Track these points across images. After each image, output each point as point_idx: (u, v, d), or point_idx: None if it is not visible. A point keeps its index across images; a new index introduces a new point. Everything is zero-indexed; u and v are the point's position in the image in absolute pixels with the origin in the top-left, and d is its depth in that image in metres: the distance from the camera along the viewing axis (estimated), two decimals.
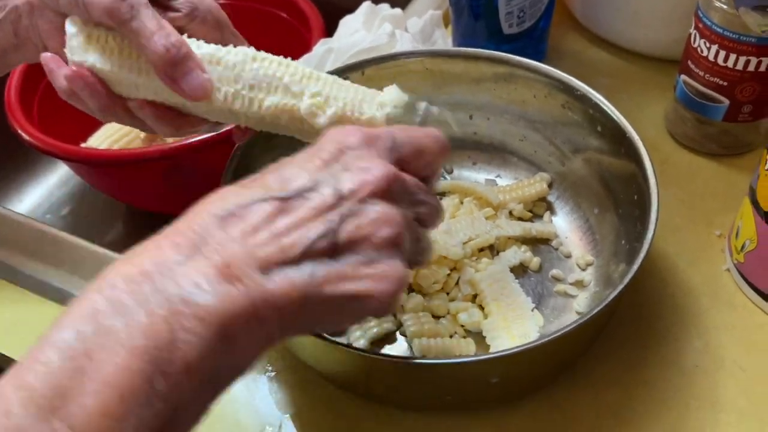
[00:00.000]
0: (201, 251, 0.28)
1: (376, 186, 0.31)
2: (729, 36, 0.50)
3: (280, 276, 0.28)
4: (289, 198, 0.30)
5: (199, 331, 0.26)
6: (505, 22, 0.60)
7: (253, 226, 0.29)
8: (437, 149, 0.35)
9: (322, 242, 0.29)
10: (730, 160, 0.57)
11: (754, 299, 0.48)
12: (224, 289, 0.27)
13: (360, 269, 0.30)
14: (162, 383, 0.25)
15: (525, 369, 0.41)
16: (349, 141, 0.32)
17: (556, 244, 0.52)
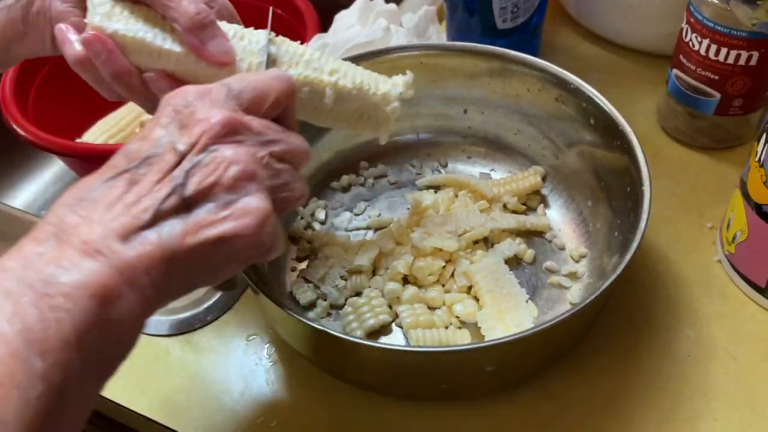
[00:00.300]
0: (59, 238, 0.29)
1: (213, 133, 0.32)
2: (720, 30, 0.50)
3: (138, 241, 0.29)
4: (134, 168, 0.31)
5: (69, 306, 0.27)
6: (499, 17, 0.60)
7: (106, 205, 0.30)
8: (281, 87, 0.35)
9: (171, 199, 0.30)
10: (721, 153, 0.58)
11: (745, 290, 0.49)
12: (87, 264, 0.28)
13: (217, 213, 0.31)
14: (40, 363, 0.25)
15: (519, 358, 0.41)
16: (183, 100, 0.33)
17: (550, 236, 0.52)
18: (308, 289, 0.50)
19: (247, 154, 0.32)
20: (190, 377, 0.47)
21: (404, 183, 0.57)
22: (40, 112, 0.68)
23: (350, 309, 0.47)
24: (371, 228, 0.54)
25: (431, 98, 0.56)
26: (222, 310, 0.51)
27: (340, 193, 0.57)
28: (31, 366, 0.25)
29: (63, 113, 0.69)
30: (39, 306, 0.26)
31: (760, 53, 0.51)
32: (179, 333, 0.50)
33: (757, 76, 0.52)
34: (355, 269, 0.50)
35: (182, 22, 0.38)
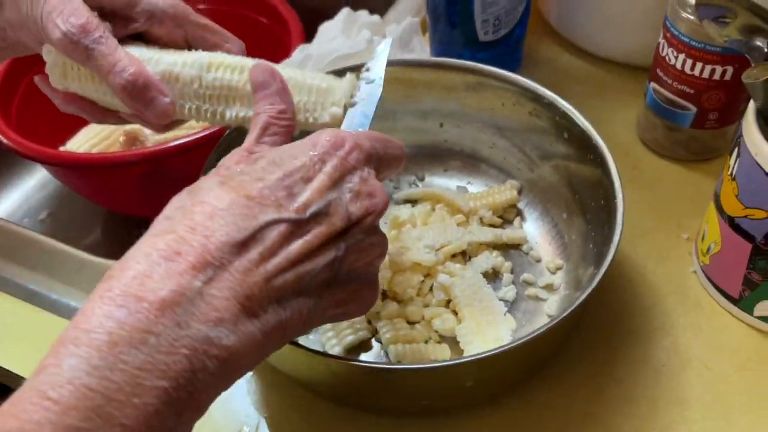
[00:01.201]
0: (221, 278, 0.27)
1: (379, 215, 0.32)
2: (695, 45, 0.52)
3: (291, 306, 0.29)
4: (304, 221, 0.30)
5: (218, 371, 0.26)
6: (481, 29, 0.61)
7: (268, 251, 0.29)
8: (401, 162, 0.37)
9: (327, 271, 0.30)
10: (698, 165, 0.59)
11: (720, 300, 0.50)
12: (245, 329, 0.27)
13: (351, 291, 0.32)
14: (173, 422, 0.25)
15: (498, 371, 0.42)
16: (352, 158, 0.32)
17: (526, 248, 0.53)
18: None
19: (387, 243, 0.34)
20: None
21: None
22: (24, 121, 0.68)
23: (329, 325, 0.47)
24: None
25: (407, 112, 0.57)
26: None
27: None
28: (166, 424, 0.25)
29: (46, 121, 0.69)
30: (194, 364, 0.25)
31: (734, 68, 0.52)
32: None
33: (732, 91, 0.53)
34: None
35: (117, 95, 0.39)
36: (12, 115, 0.67)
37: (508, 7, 0.60)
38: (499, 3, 0.59)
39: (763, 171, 0.42)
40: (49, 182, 0.79)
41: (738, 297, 0.48)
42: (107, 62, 0.38)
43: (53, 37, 0.38)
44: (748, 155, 0.43)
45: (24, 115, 0.68)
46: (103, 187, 0.66)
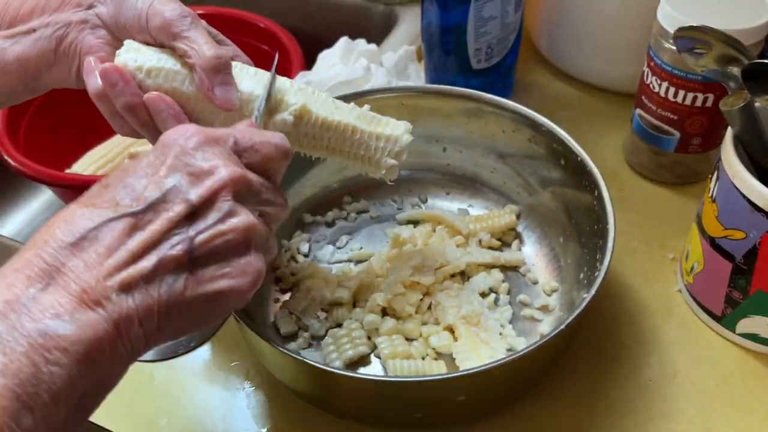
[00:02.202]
0: (56, 281, 0.28)
1: (224, 189, 0.32)
2: (677, 74, 0.54)
3: (140, 293, 0.29)
4: (140, 213, 0.30)
5: (64, 361, 0.26)
6: (473, 58, 0.63)
7: (107, 248, 0.29)
8: (281, 153, 0.36)
9: (178, 255, 0.30)
10: (682, 188, 0.61)
11: (703, 318, 0.52)
12: (85, 317, 0.27)
13: (217, 270, 0.31)
14: (29, 418, 0.25)
15: (490, 387, 0.44)
16: (191, 142, 0.33)
17: (523, 270, 0.55)
18: (290, 321, 0.52)
19: (250, 216, 0.32)
20: (173, 401, 0.49)
21: (385, 217, 0.60)
22: (31, 143, 0.70)
23: (330, 340, 0.49)
24: (353, 261, 0.56)
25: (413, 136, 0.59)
26: (206, 337, 0.52)
27: (323, 227, 0.59)
28: (19, 421, 0.25)
29: (53, 144, 0.72)
30: (34, 359, 0.26)
31: (715, 95, 0.54)
32: (163, 359, 0.51)
33: (714, 117, 0.56)
34: (336, 301, 0.52)
35: (199, 63, 0.41)
36: (20, 138, 0.69)
37: (500, 36, 0.63)
38: (492, 32, 0.62)
39: (741, 193, 0.44)
40: (54, 203, 0.80)
41: (721, 315, 0.50)
42: (205, 37, 0.41)
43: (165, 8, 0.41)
44: (727, 178, 0.45)
45: (31, 138, 0.70)
46: None
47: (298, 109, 0.43)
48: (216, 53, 0.41)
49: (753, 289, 0.47)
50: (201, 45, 0.41)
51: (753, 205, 0.43)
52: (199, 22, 0.42)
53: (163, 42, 0.42)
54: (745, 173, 0.44)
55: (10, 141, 0.66)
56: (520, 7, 0.63)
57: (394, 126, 0.45)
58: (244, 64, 0.44)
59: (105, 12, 0.43)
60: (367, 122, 0.45)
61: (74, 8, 0.44)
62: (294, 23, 0.82)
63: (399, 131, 0.45)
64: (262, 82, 0.43)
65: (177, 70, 0.42)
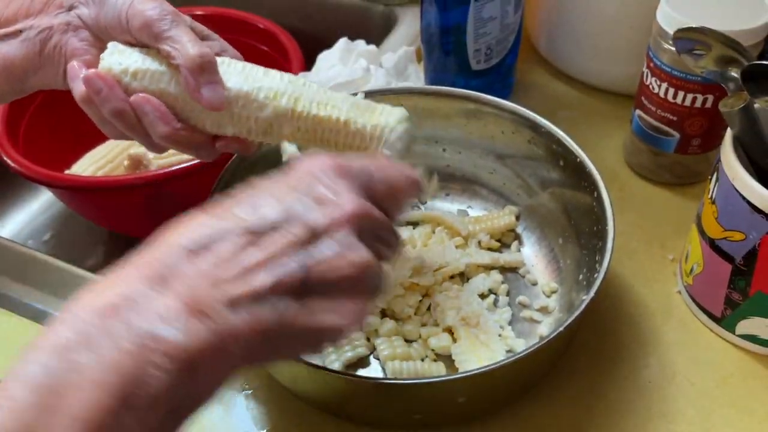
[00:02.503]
0: (169, 284, 0.28)
1: (347, 222, 0.31)
2: (677, 75, 0.54)
3: (247, 312, 0.28)
4: (259, 231, 0.30)
5: (168, 367, 0.26)
6: (473, 58, 0.63)
7: (222, 259, 0.29)
8: (410, 189, 0.35)
9: (291, 279, 0.29)
10: (682, 188, 0.61)
11: (702, 319, 0.52)
12: (192, 326, 0.27)
13: (326, 304, 0.30)
14: (129, 418, 0.25)
15: (490, 389, 0.44)
16: (322, 170, 0.32)
17: (523, 271, 0.55)
18: None
19: (367, 254, 0.31)
20: None
21: None
22: (31, 144, 0.70)
23: None
24: None
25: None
26: None
27: None
28: (121, 421, 0.25)
29: (53, 145, 0.71)
30: (139, 360, 0.26)
31: (715, 96, 0.54)
32: None
33: (713, 118, 0.56)
34: None
35: (183, 63, 0.40)
36: (19, 139, 0.69)
37: (500, 37, 0.63)
38: (491, 33, 0.62)
39: (740, 195, 0.44)
40: (53, 204, 0.80)
41: (720, 316, 0.50)
42: (188, 36, 0.40)
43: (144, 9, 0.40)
44: (726, 180, 0.45)
45: (30, 139, 0.70)
46: (106, 209, 0.68)
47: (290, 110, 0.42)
48: (200, 52, 0.40)
49: (752, 290, 0.47)
50: (184, 44, 0.40)
51: (752, 207, 0.43)
52: (181, 19, 0.41)
53: (146, 42, 0.42)
54: (745, 175, 0.44)
55: (9, 142, 0.66)
56: (519, 7, 0.63)
57: (389, 113, 0.44)
58: (231, 60, 0.43)
59: (86, 13, 0.43)
60: (360, 112, 0.43)
61: (57, 10, 0.43)
62: (293, 24, 0.82)
63: (393, 119, 0.44)
64: (251, 77, 0.42)
65: (162, 70, 0.42)
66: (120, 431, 0.25)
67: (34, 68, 0.44)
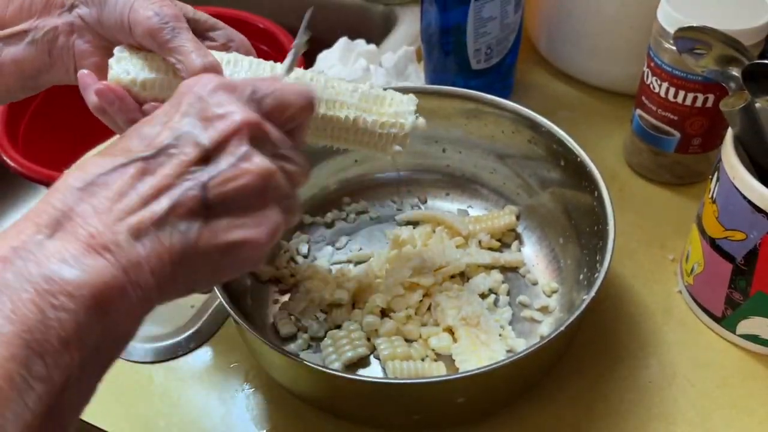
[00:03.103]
0: (64, 227, 0.27)
1: (237, 133, 0.31)
2: (677, 74, 0.54)
3: (150, 239, 0.28)
4: (151, 157, 0.29)
5: (71, 306, 0.26)
6: (473, 58, 0.63)
7: (117, 193, 0.28)
8: (303, 104, 0.35)
9: (190, 200, 0.29)
10: (682, 188, 0.61)
11: (703, 319, 0.52)
12: (92, 262, 0.27)
13: (232, 220, 0.30)
14: (40, 365, 0.25)
15: (489, 389, 0.43)
16: (206, 89, 0.32)
17: (523, 271, 0.55)
18: (289, 322, 0.51)
19: (266, 161, 0.31)
20: (172, 403, 0.49)
21: (385, 218, 0.59)
22: (30, 144, 0.70)
23: (330, 341, 0.49)
24: (352, 262, 0.56)
25: (412, 137, 0.58)
26: (204, 338, 0.52)
27: (323, 228, 0.59)
28: (30, 368, 0.25)
29: (52, 145, 0.72)
30: (40, 305, 0.25)
31: (715, 96, 0.54)
32: (162, 360, 0.51)
33: (714, 117, 0.56)
34: (335, 302, 0.52)
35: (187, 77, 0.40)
36: (19, 139, 0.69)
37: (500, 36, 0.63)
38: (491, 33, 0.62)
39: (741, 194, 0.44)
40: None
41: (721, 316, 0.50)
42: (191, 45, 0.40)
43: (144, 17, 0.40)
44: (727, 179, 0.45)
45: (30, 139, 0.71)
46: None
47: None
48: (202, 64, 0.39)
49: (753, 290, 0.47)
50: (187, 56, 0.40)
51: (753, 206, 0.43)
52: (183, 25, 0.41)
53: (151, 49, 0.42)
54: (746, 174, 0.44)
55: (9, 142, 0.66)
56: (519, 7, 0.63)
57: (398, 103, 0.44)
58: (238, 57, 0.43)
59: (87, 14, 0.43)
60: (369, 106, 0.43)
61: (59, 10, 0.43)
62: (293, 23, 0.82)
63: (403, 109, 0.44)
64: (258, 73, 0.42)
65: (170, 78, 0.42)
66: (31, 378, 0.25)
67: (45, 68, 0.44)
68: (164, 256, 0.28)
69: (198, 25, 0.44)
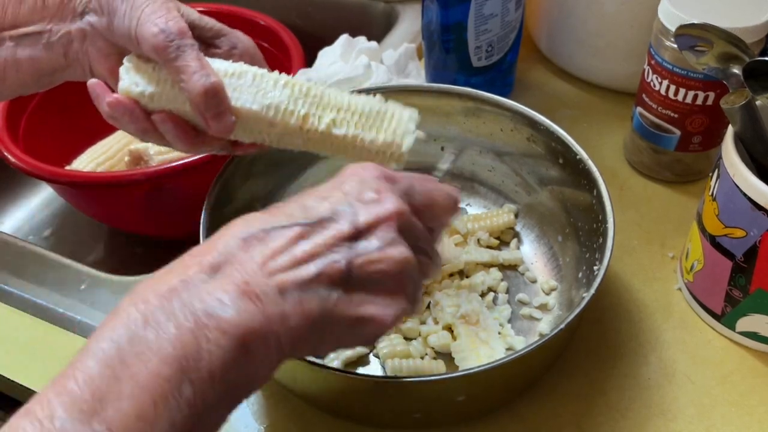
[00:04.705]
0: (224, 271, 0.30)
1: (388, 220, 0.33)
2: (678, 72, 0.54)
3: (294, 298, 0.31)
4: (309, 225, 0.32)
5: (222, 342, 0.28)
6: (474, 55, 0.63)
7: (273, 250, 0.31)
8: (448, 206, 0.38)
9: (335, 270, 0.32)
10: (682, 186, 0.61)
11: (703, 316, 0.52)
12: (244, 306, 0.29)
13: (367, 296, 0.33)
14: (189, 390, 0.28)
15: (489, 387, 0.44)
16: (368, 175, 0.35)
17: (522, 269, 0.55)
18: None
19: (408, 251, 0.34)
20: None
21: None
22: (31, 140, 0.69)
23: None
24: None
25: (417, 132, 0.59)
26: None
27: None
28: (182, 391, 0.27)
29: (53, 141, 0.71)
30: (197, 335, 0.28)
31: (716, 93, 0.54)
32: None
33: (714, 115, 0.56)
34: None
35: (190, 97, 0.42)
36: (19, 135, 0.69)
37: (501, 34, 0.63)
38: (492, 30, 0.62)
39: (741, 192, 0.44)
40: (53, 200, 0.80)
41: (721, 313, 0.50)
42: (195, 64, 0.41)
43: (150, 34, 0.41)
44: (727, 177, 0.45)
45: (31, 135, 0.70)
46: (107, 205, 0.68)
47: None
48: (203, 88, 0.41)
49: (753, 287, 0.47)
50: (190, 77, 0.41)
51: (753, 204, 0.43)
52: (187, 43, 0.41)
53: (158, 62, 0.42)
54: (746, 172, 0.44)
55: (9, 137, 0.66)
56: (520, 4, 0.63)
57: (398, 120, 0.45)
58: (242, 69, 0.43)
59: (98, 22, 0.44)
60: (369, 124, 0.44)
61: (71, 15, 0.44)
62: (294, 21, 0.82)
63: (402, 129, 0.44)
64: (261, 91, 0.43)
65: (176, 92, 0.43)
66: (181, 400, 0.27)
67: (61, 68, 0.46)
68: (303, 314, 0.31)
69: (203, 32, 0.45)
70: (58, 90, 0.52)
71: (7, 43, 0.45)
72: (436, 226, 0.38)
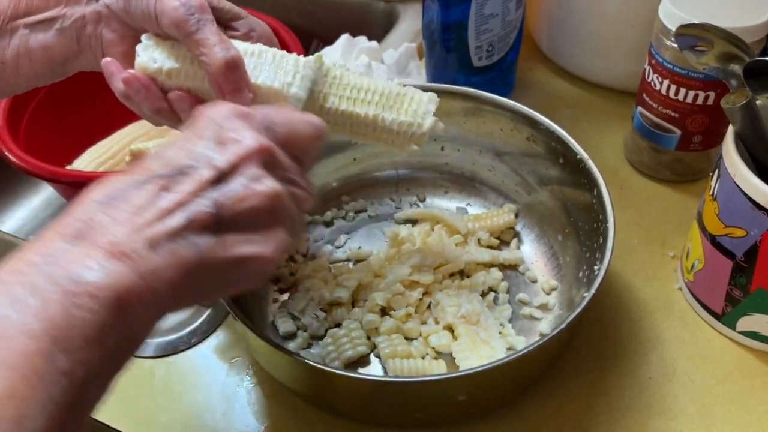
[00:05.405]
0: (86, 236, 0.29)
1: (250, 157, 0.33)
2: (679, 72, 0.54)
3: (166, 250, 0.30)
4: (169, 176, 0.32)
5: (93, 306, 0.28)
6: (474, 55, 0.63)
7: (137, 207, 0.31)
8: (312, 133, 0.37)
9: (204, 216, 0.31)
10: (683, 186, 0.61)
11: (703, 316, 0.52)
12: (113, 266, 0.29)
13: (242, 236, 0.32)
14: (63, 360, 0.26)
15: (490, 387, 0.44)
16: (224, 116, 0.34)
17: (522, 269, 0.55)
18: (289, 321, 0.52)
19: (276, 184, 0.33)
20: (173, 398, 0.49)
21: (384, 217, 0.59)
22: (32, 139, 0.69)
23: (330, 340, 0.49)
24: (351, 260, 0.56)
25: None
26: (206, 333, 0.52)
27: (321, 227, 0.59)
28: (55, 363, 0.26)
29: (54, 141, 0.71)
30: (65, 305, 0.27)
31: (716, 93, 0.54)
32: (164, 355, 0.51)
33: (715, 115, 0.56)
34: (335, 301, 0.52)
35: (210, 70, 0.41)
36: (20, 134, 0.69)
37: (501, 34, 0.63)
38: (493, 30, 0.62)
39: (742, 191, 0.44)
40: (55, 200, 0.81)
41: (721, 312, 0.50)
42: (215, 38, 0.41)
43: (170, 7, 0.41)
44: (728, 176, 0.45)
45: (32, 135, 0.70)
46: None
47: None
48: (224, 60, 0.40)
49: (753, 287, 0.47)
50: (210, 49, 0.41)
51: (754, 203, 0.43)
52: (207, 17, 0.41)
53: (177, 38, 0.42)
54: (747, 171, 0.44)
55: (10, 137, 0.66)
56: (521, 4, 0.63)
57: (418, 102, 0.44)
58: (262, 49, 0.43)
59: (114, 3, 0.44)
60: (389, 105, 0.44)
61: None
62: (295, 20, 0.82)
63: (422, 109, 0.44)
64: (282, 70, 0.43)
65: (195, 68, 0.42)
66: (57, 373, 0.26)
67: (73, 55, 0.45)
68: (178, 266, 0.30)
69: (222, 14, 0.45)
70: (59, 89, 0.52)
71: (21, 30, 0.44)
72: (303, 155, 0.37)
